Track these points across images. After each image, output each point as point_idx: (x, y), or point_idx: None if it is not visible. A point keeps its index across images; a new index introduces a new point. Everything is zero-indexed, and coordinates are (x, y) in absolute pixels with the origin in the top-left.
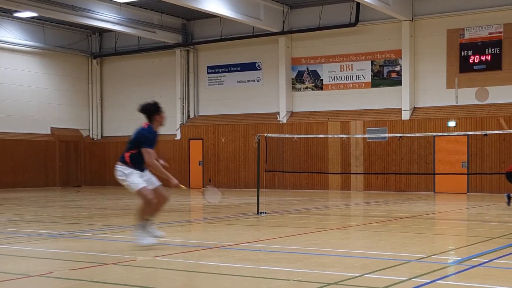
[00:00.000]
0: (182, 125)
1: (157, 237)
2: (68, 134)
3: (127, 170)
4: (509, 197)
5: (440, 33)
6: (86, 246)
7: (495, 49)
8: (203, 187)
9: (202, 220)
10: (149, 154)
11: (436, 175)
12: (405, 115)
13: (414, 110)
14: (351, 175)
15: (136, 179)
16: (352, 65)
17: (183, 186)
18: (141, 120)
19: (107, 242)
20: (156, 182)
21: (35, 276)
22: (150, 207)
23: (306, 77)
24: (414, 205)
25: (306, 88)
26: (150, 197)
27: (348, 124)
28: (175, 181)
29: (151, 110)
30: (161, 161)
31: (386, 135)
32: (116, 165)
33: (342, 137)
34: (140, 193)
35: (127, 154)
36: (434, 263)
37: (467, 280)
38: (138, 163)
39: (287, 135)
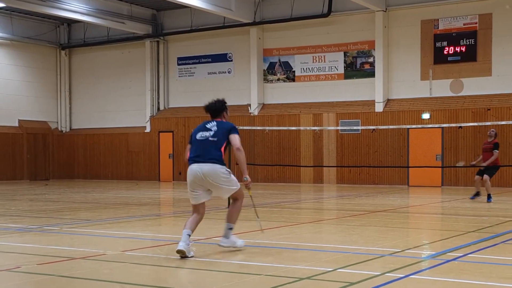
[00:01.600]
0: (152, 117)
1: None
2: (36, 126)
3: (226, 168)
4: (477, 195)
5: (414, 24)
6: (55, 240)
7: (470, 40)
8: (173, 180)
9: (172, 214)
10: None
11: (410, 168)
12: (379, 107)
13: (388, 102)
14: (324, 168)
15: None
16: (324, 56)
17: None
18: (110, 112)
19: (76, 236)
20: None
21: (3, 270)
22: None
23: (278, 69)
24: (387, 199)
25: (278, 79)
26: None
27: (321, 116)
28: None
29: (219, 108)
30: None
31: (359, 128)
32: (214, 165)
33: (315, 130)
34: (240, 192)
35: (222, 150)
36: (408, 258)
37: (441, 274)
38: None
39: (258, 128)
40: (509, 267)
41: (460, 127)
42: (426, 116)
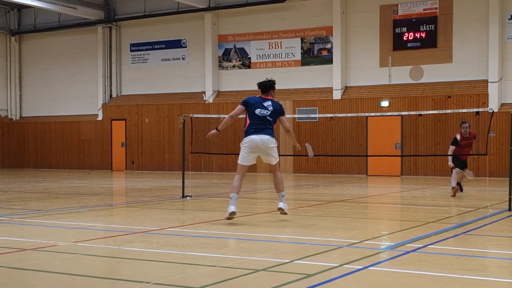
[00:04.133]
0: (104, 105)
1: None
2: None
3: (275, 142)
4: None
5: (372, 9)
6: (4, 231)
7: (430, 26)
8: (126, 169)
9: (124, 204)
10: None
11: (368, 157)
12: (336, 95)
13: (346, 89)
14: (280, 157)
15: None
16: (281, 42)
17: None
18: (61, 100)
19: (26, 226)
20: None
21: None
22: None
23: (233, 55)
24: (345, 188)
25: (234, 66)
26: None
27: None
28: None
29: (268, 86)
30: None
31: (317, 116)
32: (270, 137)
33: None
34: (278, 165)
35: (274, 126)
36: (366, 249)
37: (401, 266)
38: None
39: (213, 116)
40: (470, 258)
41: (420, 115)
42: (385, 103)
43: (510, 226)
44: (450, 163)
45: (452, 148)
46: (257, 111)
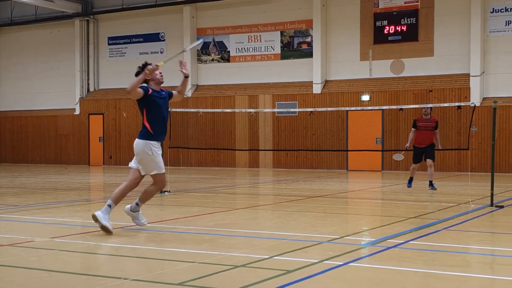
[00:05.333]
0: (81, 99)
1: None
2: None
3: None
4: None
5: (353, 2)
6: None
7: (411, 19)
8: (103, 164)
9: (102, 199)
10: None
11: (349, 152)
12: (317, 89)
13: (326, 83)
14: (260, 151)
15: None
16: (260, 36)
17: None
18: (38, 94)
19: (3, 222)
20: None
21: None
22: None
23: (212, 49)
24: (326, 183)
25: (212, 60)
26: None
27: (256, 98)
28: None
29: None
30: None
31: (297, 110)
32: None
33: (250, 112)
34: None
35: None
36: (347, 245)
37: (381, 262)
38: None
39: (192, 110)
40: (451, 254)
41: (401, 109)
42: (365, 98)
43: (492, 222)
44: (407, 144)
45: (412, 131)
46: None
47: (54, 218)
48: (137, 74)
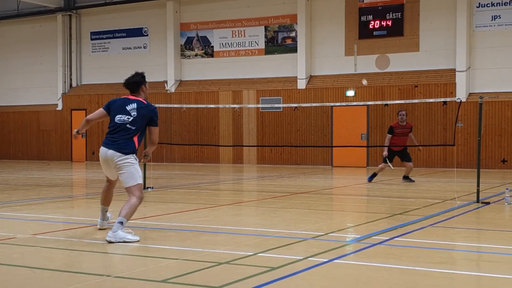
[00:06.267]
0: (64, 94)
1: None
2: None
3: (135, 159)
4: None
5: None
6: None
7: (397, 13)
8: (86, 160)
9: (85, 196)
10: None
11: (334, 148)
12: (301, 84)
13: (311, 78)
14: (244, 147)
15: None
16: (244, 31)
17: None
18: (20, 89)
19: None
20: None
21: None
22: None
23: (195, 44)
24: (310, 180)
25: (196, 55)
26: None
27: (240, 94)
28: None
29: (137, 82)
30: None
31: (281, 105)
32: (118, 153)
33: (234, 107)
34: (140, 188)
35: (135, 138)
36: (331, 241)
37: (366, 259)
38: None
39: (175, 105)
40: (437, 251)
41: (386, 104)
42: (350, 93)
43: (478, 218)
44: (385, 153)
45: (388, 137)
46: (117, 117)
47: (36, 214)
48: (136, 82)
